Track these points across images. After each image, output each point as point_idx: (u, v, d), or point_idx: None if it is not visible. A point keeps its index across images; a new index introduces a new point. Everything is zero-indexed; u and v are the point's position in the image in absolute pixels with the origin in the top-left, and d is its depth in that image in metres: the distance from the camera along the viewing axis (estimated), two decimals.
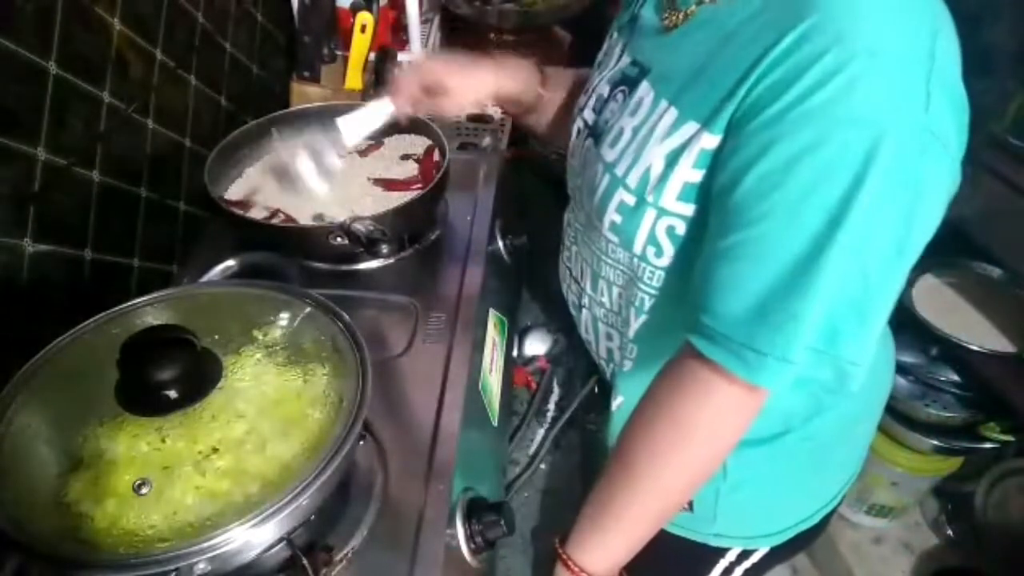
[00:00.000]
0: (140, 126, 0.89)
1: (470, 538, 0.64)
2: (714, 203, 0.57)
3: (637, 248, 0.66)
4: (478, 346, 0.80)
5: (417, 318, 0.82)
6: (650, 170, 0.62)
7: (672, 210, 0.62)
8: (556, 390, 0.98)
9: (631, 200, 0.64)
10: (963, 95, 0.54)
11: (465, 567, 0.63)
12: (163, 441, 0.52)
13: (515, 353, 0.99)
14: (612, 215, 0.66)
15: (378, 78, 1.28)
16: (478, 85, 0.84)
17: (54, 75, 0.73)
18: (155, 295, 0.65)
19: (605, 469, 0.64)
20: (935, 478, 1.54)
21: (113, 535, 0.48)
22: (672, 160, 0.60)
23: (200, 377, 0.55)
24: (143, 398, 0.53)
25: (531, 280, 1.11)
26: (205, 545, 0.47)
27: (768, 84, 0.53)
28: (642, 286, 0.68)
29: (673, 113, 0.61)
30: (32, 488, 0.50)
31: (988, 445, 1.38)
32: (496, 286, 0.91)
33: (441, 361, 0.77)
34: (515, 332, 1.00)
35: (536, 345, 1.03)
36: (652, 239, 0.64)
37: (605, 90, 0.72)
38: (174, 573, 0.46)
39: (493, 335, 0.86)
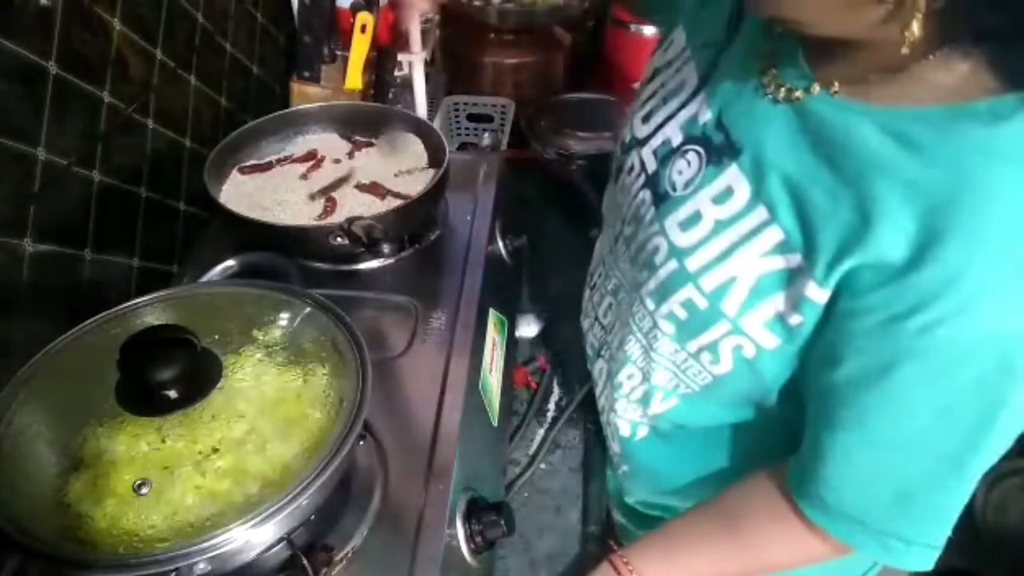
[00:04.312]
0: (140, 126, 0.89)
1: (470, 538, 0.64)
2: (828, 375, 0.51)
3: (692, 347, 0.60)
4: (478, 346, 0.80)
5: (417, 318, 0.82)
6: (735, 283, 0.54)
7: (752, 335, 0.55)
8: (556, 390, 0.97)
9: (702, 304, 0.56)
10: None
11: (465, 567, 0.63)
12: (163, 441, 0.52)
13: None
14: (674, 306, 0.59)
15: (378, 78, 1.28)
16: None
17: (54, 75, 0.73)
18: (155, 295, 0.65)
19: (705, 508, 0.63)
20: None
21: (113, 535, 0.48)
22: (767, 288, 0.53)
23: (200, 377, 0.55)
24: (143, 398, 0.53)
25: (531, 280, 1.11)
26: (205, 545, 0.47)
27: (881, 280, 0.46)
28: (683, 376, 0.64)
29: (776, 233, 0.52)
30: (32, 488, 0.50)
31: None
32: (496, 286, 0.91)
33: (441, 361, 0.77)
34: (515, 332, 1.00)
35: (527, 328, 1.03)
36: (713, 348, 0.58)
37: (675, 138, 0.61)
38: (174, 573, 0.46)
39: (493, 335, 0.86)
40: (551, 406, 0.95)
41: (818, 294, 0.50)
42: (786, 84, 0.53)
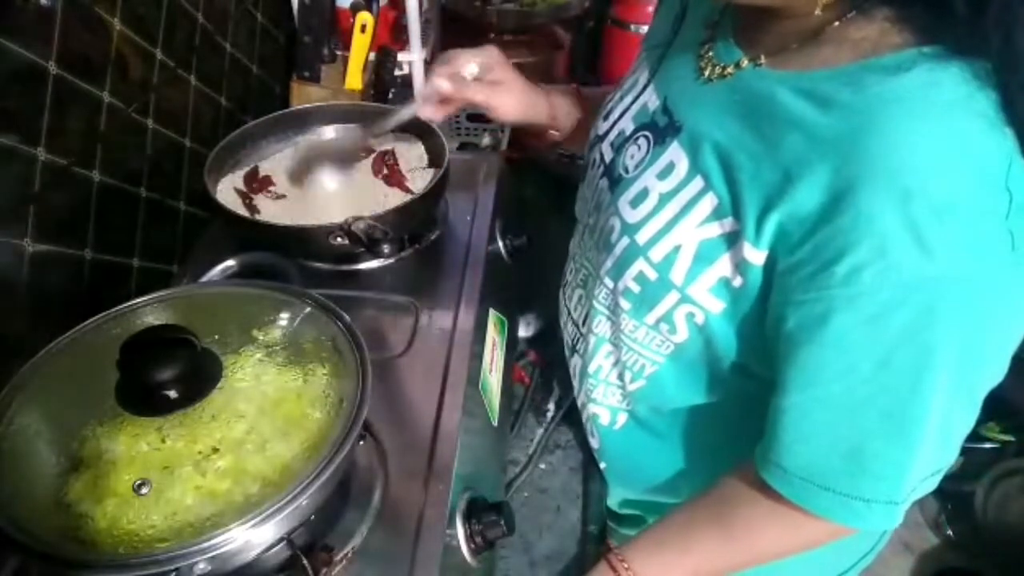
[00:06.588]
0: (140, 126, 0.90)
1: (470, 538, 0.64)
2: (776, 339, 0.53)
3: (650, 320, 0.62)
4: (478, 346, 0.80)
5: (417, 318, 0.82)
6: (679, 252, 0.57)
7: (700, 301, 0.57)
8: (556, 389, 0.97)
9: (652, 276, 0.60)
10: None
11: (465, 567, 0.63)
12: (163, 441, 0.52)
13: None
14: (629, 282, 0.62)
15: (378, 78, 1.28)
16: (535, 102, 0.81)
17: (54, 75, 0.73)
18: (155, 295, 0.65)
19: (698, 502, 0.64)
20: None
21: (113, 535, 0.48)
22: (708, 254, 0.56)
23: (200, 377, 0.55)
24: (143, 398, 0.53)
25: (531, 280, 1.11)
26: (205, 545, 0.47)
27: (809, 231, 0.48)
28: (648, 353, 0.66)
29: (712, 200, 0.55)
30: (32, 488, 0.50)
31: (988, 445, 1.38)
32: (496, 286, 0.91)
33: (441, 361, 0.77)
34: (515, 332, 1.00)
35: (527, 327, 1.03)
36: (668, 318, 0.61)
37: (628, 127, 0.66)
38: (174, 573, 0.46)
39: (493, 335, 0.86)
40: (551, 405, 0.95)
41: (754, 255, 0.52)
42: (720, 63, 0.58)
